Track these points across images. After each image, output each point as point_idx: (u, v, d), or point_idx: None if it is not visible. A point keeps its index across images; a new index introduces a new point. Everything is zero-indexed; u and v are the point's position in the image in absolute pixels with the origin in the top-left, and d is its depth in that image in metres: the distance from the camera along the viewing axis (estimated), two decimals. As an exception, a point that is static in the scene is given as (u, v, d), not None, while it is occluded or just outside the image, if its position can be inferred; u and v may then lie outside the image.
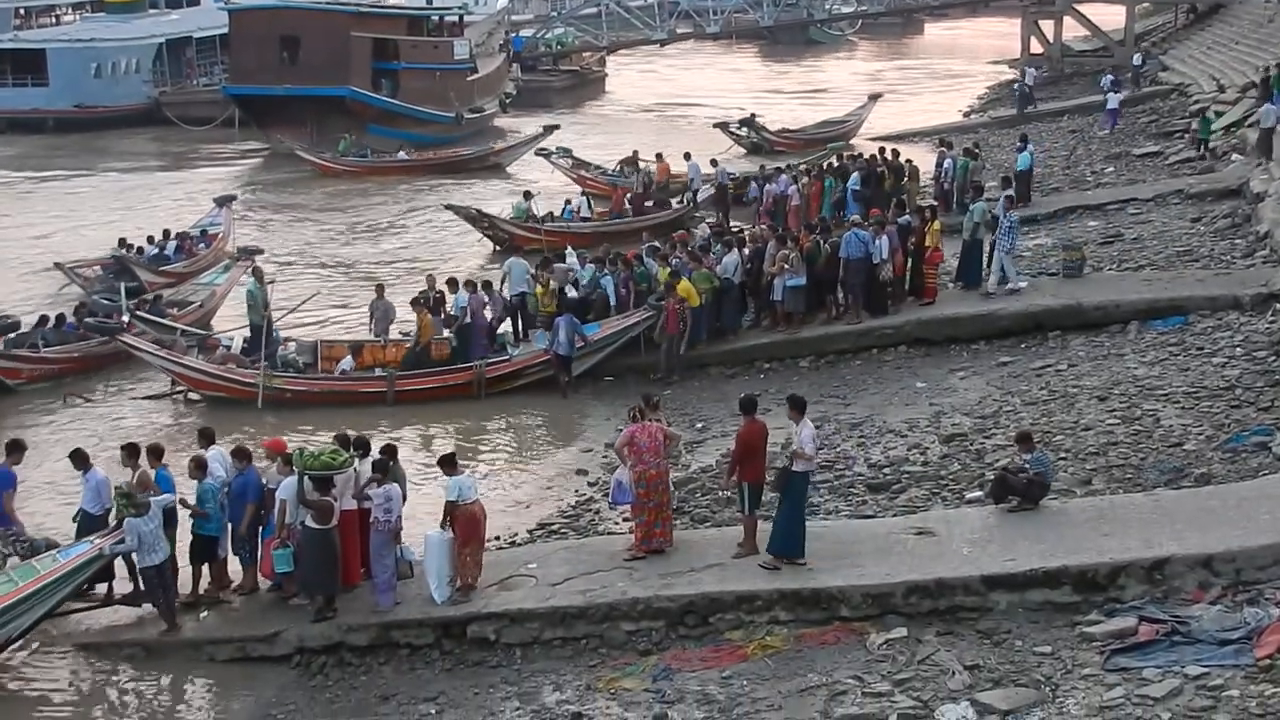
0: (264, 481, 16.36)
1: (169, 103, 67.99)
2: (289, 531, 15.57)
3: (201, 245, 35.54)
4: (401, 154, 53.06)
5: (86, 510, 16.49)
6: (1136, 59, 57.36)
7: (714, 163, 41.70)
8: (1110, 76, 53.16)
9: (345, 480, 15.60)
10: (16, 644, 15.55)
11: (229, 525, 16.30)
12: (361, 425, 21.30)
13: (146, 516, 15.43)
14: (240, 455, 16.41)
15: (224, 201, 39.22)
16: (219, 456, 16.59)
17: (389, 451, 16.48)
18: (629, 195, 39.31)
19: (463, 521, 15.54)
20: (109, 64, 67.92)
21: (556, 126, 51.19)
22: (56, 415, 24.99)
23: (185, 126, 64.30)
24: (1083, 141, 45.47)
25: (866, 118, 55.22)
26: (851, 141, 51.14)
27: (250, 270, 28.15)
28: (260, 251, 32.90)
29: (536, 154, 49.25)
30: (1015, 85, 58.62)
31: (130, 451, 16.84)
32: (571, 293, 26.54)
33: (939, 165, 35.25)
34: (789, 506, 15.20)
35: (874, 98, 56.68)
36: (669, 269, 25.93)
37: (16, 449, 17.19)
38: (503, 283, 27.20)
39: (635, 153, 44.32)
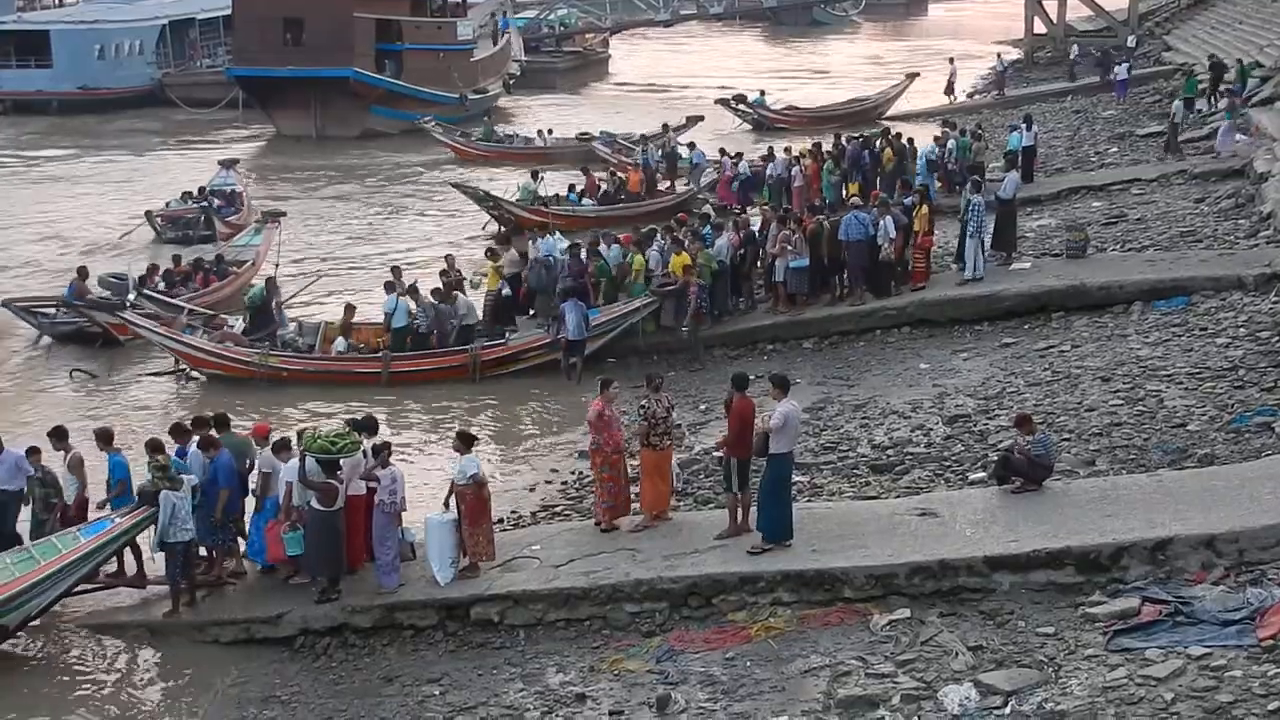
0: (245, 466, 16.48)
1: (172, 84, 67.94)
2: (298, 514, 15.60)
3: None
4: (537, 140, 52.07)
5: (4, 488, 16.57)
6: (1131, 40, 58.16)
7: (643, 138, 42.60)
8: (1076, 46, 57.45)
9: (354, 464, 15.62)
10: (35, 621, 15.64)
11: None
12: (359, 407, 21.40)
13: (181, 491, 15.51)
14: (208, 444, 16.36)
15: (229, 164, 41.06)
16: (196, 456, 16.43)
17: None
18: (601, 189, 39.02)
19: (470, 502, 15.59)
20: (113, 46, 67.85)
21: (701, 118, 49.95)
22: (65, 391, 25.32)
23: (189, 109, 64.25)
24: (1086, 122, 45.47)
25: (894, 96, 55.23)
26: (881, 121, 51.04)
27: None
28: (284, 214, 34.47)
29: (578, 138, 49.13)
30: (994, 69, 59.78)
31: (58, 434, 16.85)
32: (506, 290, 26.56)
33: (942, 146, 35.19)
34: (769, 489, 15.17)
35: (911, 77, 56.65)
36: (643, 257, 26.03)
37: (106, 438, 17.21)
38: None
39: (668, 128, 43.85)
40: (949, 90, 56.89)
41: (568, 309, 24.51)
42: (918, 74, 57.45)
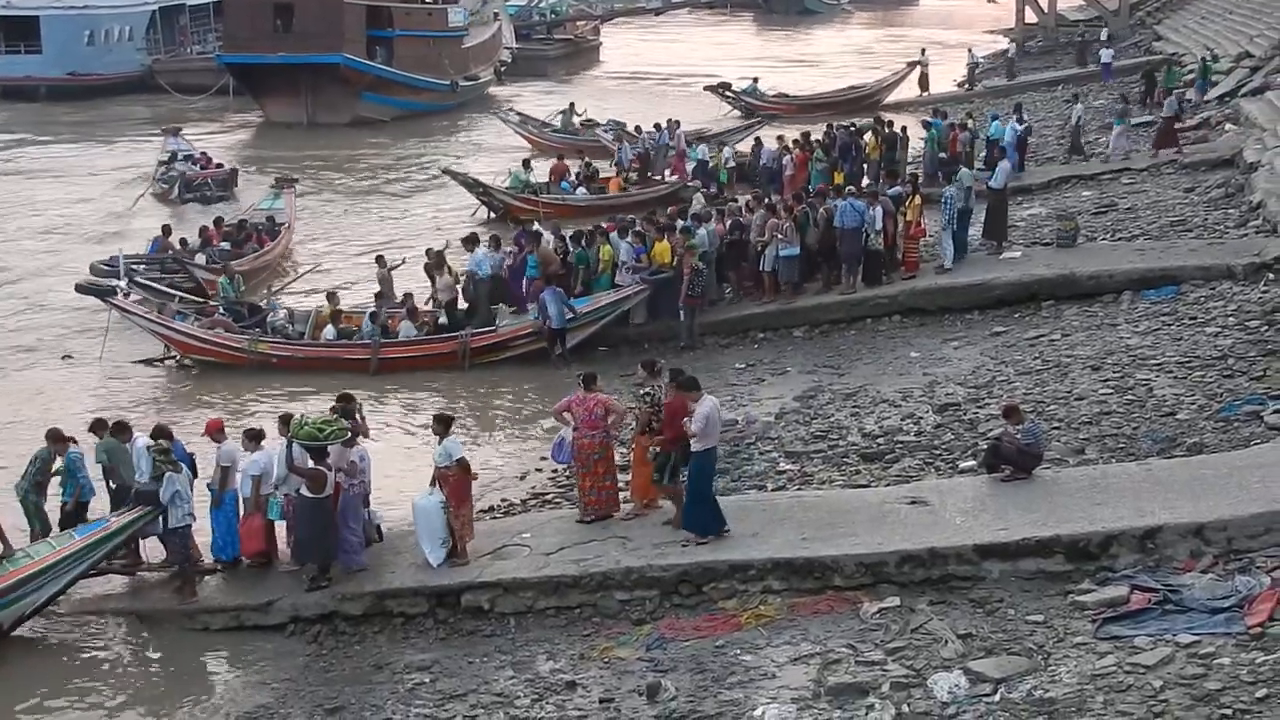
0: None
1: (162, 71, 67.76)
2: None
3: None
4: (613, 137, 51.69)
5: None
6: (1104, 34, 59.11)
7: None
8: (1012, 45, 62.54)
9: (341, 451, 15.61)
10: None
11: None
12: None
13: (183, 474, 15.51)
14: (161, 435, 16.27)
15: (174, 131, 43.96)
16: (143, 451, 16.21)
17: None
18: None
19: (454, 484, 15.59)
20: (102, 31, 67.66)
21: (760, 122, 49.99)
22: (54, 376, 25.32)
23: (179, 95, 64.02)
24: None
25: (892, 84, 55.22)
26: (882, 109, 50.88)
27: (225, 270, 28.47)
28: (296, 180, 36.67)
29: (582, 124, 48.99)
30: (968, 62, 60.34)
31: (120, 428, 16.81)
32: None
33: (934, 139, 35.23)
34: (689, 484, 15.28)
35: (912, 65, 56.65)
36: (609, 246, 26.02)
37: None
38: None
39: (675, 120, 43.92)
40: (923, 84, 56.79)
41: (548, 297, 24.44)
42: (919, 63, 57.40)
